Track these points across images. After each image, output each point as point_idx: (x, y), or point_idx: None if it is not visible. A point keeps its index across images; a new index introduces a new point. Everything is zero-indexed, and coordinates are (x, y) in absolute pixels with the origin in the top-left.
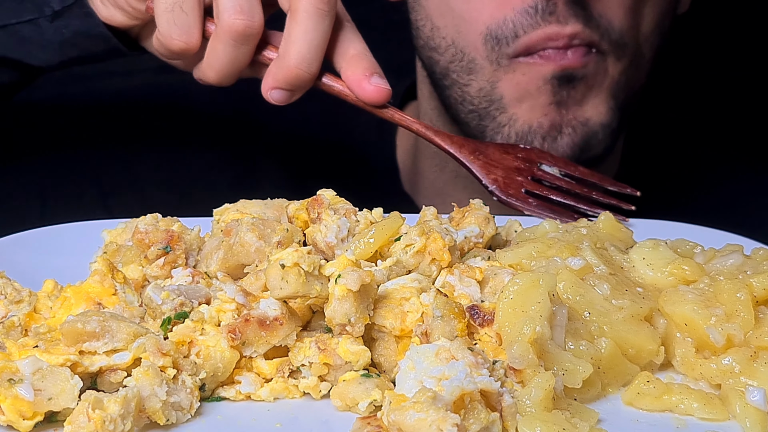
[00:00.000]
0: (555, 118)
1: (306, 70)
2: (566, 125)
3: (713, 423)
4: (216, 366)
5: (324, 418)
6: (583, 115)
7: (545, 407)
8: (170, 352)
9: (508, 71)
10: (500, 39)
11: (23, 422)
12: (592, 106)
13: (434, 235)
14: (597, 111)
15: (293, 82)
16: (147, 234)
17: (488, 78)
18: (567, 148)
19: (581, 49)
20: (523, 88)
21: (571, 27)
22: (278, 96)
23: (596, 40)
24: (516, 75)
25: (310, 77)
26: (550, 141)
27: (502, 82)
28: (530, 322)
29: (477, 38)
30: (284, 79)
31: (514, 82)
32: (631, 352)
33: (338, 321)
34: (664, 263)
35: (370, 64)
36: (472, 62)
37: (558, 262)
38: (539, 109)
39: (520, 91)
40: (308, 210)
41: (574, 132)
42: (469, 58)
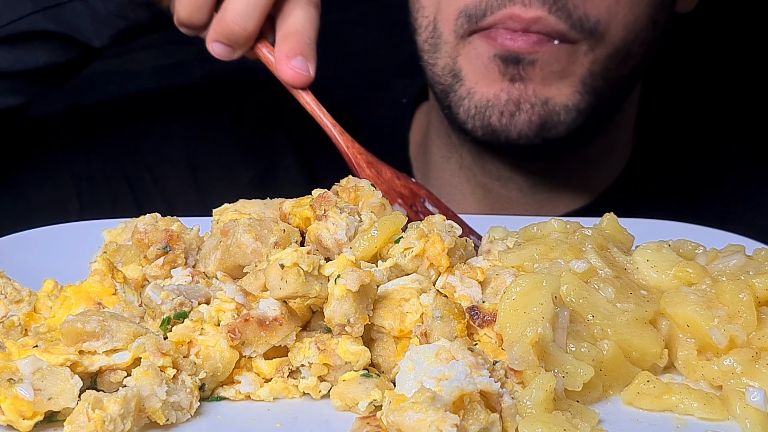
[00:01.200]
0: (513, 93)
1: (241, 26)
2: (524, 101)
3: (713, 423)
4: (215, 366)
5: (324, 418)
6: (545, 94)
7: (546, 408)
8: (170, 352)
9: (464, 45)
10: (471, 16)
11: (23, 422)
12: (556, 88)
13: (434, 237)
14: (561, 92)
15: (229, 37)
16: (146, 234)
17: (450, 53)
18: (524, 125)
19: (535, 36)
20: (474, 63)
21: (534, 11)
22: (218, 49)
23: (562, 29)
24: (469, 48)
25: (246, 34)
26: (507, 116)
27: (461, 56)
28: (533, 323)
29: (452, 14)
30: (221, 32)
31: (468, 57)
32: (635, 355)
33: (337, 321)
34: (668, 266)
35: (297, 44)
36: (439, 38)
37: (561, 264)
38: (495, 84)
39: (473, 66)
40: (313, 207)
41: (531, 109)
42: (438, 34)
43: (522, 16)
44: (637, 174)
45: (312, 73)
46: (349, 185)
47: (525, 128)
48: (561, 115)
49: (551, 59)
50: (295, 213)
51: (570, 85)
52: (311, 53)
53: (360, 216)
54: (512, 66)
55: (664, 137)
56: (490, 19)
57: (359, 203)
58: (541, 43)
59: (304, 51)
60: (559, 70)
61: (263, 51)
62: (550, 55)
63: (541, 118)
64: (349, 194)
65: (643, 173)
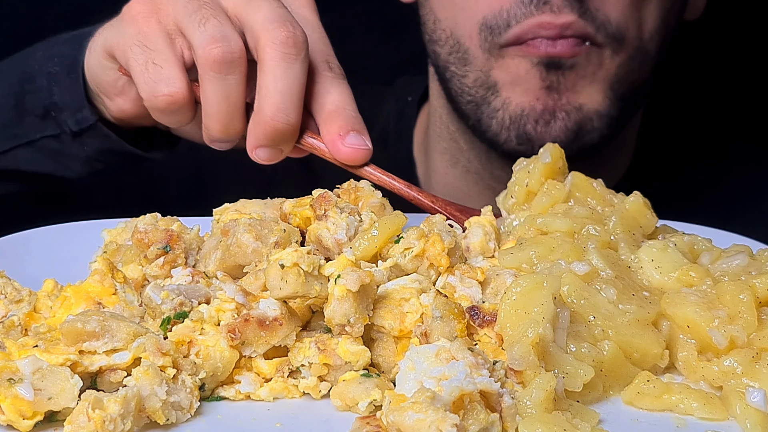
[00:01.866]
0: (548, 102)
1: (284, 122)
2: (559, 110)
3: (713, 423)
4: (215, 366)
5: (324, 418)
6: (578, 101)
7: (546, 408)
8: (170, 352)
9: (499, 58)
10: (494, 28)
11: (23, 422)
12: (587, 94)
13: (434, 237)
14: (592, 99)
15: (273, 137)
16: (146, 233)
17: (482, 67)
18: (560, 132)
19: (572, 40)
20: (513, 73)
21: (565, 17)
22: (264, 155)
23: (591, 32)
24: (506, 60)
25: (291, 128)
26: (542, 124)
27: (494, 69)
28: (534, 324)
29: (473, 28)
30: (264, 134)
31: (505, 68)
32: (636, 356)
33: (337, 321)
34: (672, 267)
35: (346, 122)
36: (466, 53)
37: (562, 265)
38: (531, 92)
39: (511, 75)
40: (314, 207)
41: (567, 117)
42: (464, 49)
43: (554, 23)
44: (640, 173)
45: (370, 145)
46: (350, 187)
47: (561, 135)
48: (594, 121)
49: (585, 62)
50: (296, 213)
51: (599, 91)
52: (362, 127)
53: (360, 216)
54: (553, 72)
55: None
56: (518, 29)
57: (359, 203)
58: (579, 45)
59: (355, 126)
60: (591, 74)
61: (310, 141)
62: (586, 58)
63: (577, 125)
64: (350, 194)
65: (646, 172)
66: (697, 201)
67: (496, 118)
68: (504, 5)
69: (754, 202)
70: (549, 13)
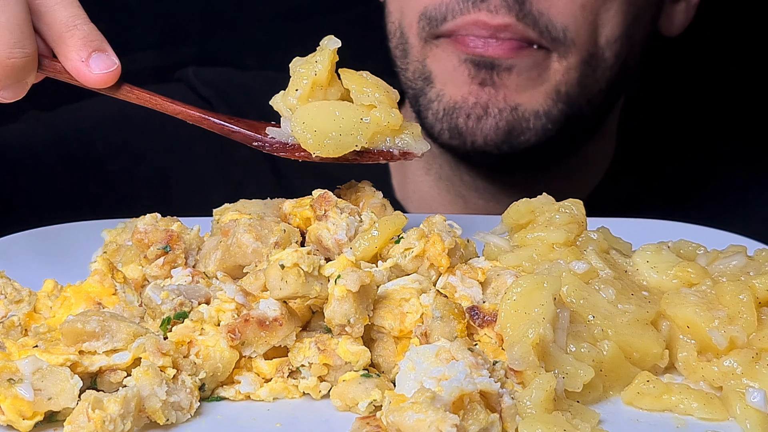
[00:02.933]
0: (481, 96)
1: (21, 56)
2: (493, 106)
3: (713, 423)
4: (215, 366)
5: (324, 418)
6: (515, 100)
7: (546, 408)
8: (170, 352)
9: (432, 47)
10: (431, 19)
11: (23, 422)
12: (529, 95)
13: (434, 238)
14: (532, 99)
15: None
16: (146, 234)
17: (418, 57)
18: (491, 129)
19: (509, 42)
20: (443, 66)
21: (501, 18)
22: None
23: (532, 36)
24: (438, 51)
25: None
26: (474, 119)
27: (429, 58)
28: (534, 325)
29: (414, 17)
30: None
31: (437, 59)
32: (636, 356)
33: (338, 321)
34: (669, 266)
35: (83, 42)
36: (407, 42)
37: (562, 264)
38: (463, 86)
39: (441, 68)
40: (314, 207)
41: (500, 114)
42: (405, 39)
43: (489, 22)
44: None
45: (117, 61)
46: (351, 187)
47: (491, 133)
48: (530, 121)
49: (530, 65)
50: (296, 213)
51: (543, 92)
52: (101, 41)
53: (360, 216)
54: (484, 71)
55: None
56: (452, 24)
57: (360, 203)
58: (520, 48)
59: (93, 44)
60: (536, 76)
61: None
62: (528, 61)
63: (509, 124)
64: (350, 195)
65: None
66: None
67: (431, 110)
68: None
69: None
70: (485, 12)
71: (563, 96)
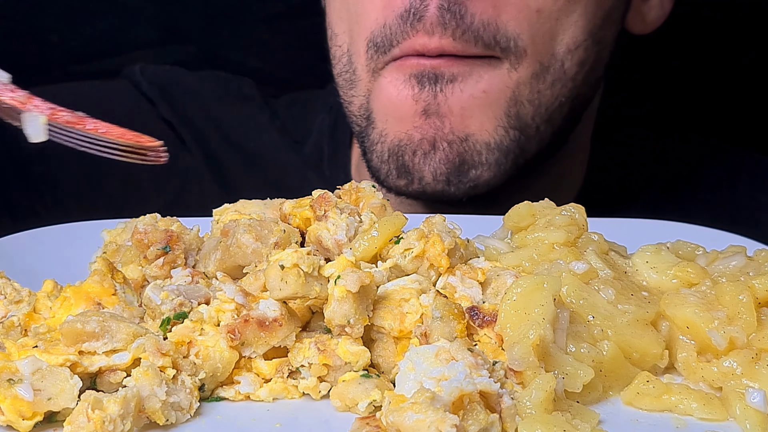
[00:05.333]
0: (427, 131)
1: None
2: (441, 140)
3: (713, 423)
4: (215, 366)
5: (324, 418)
6: (464, 130)
7: (545, 409)
8: (170, 353)
9: (378, 78)
10: (379, 46)
11: (23, 422)
12: (478, 120)
13: (434, 238)
14: (482, 127)
15: None
16: (146, 234)
17: (364, 91)
18: (441, 164)
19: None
20: (386, 95)
21: (438, 40)
22: None
23: (476, 52)
24: (381, 81)
25: None
26: (421, 155)
27: (373, 93)
28: (535, 325)
29: (362, 45)
30: None
31: (381, 89)
32: (636, 356)
33: (337, 322)
34: (668, 266)
35: None
36: (354, 72)
37: (561, 265)
38: (407, 120)
39: (384, 100)
40: (313, 208)
41: (449, 147)
42: (353, 68)
43: (427, 45)
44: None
45: None
46: (351, 187)
47: (442, 167)
48: (483, 154)
49: (474, 78)
50: (296, 213)
51: (493, 117)
52: None
53: (360, 216)
54: (429, 86)
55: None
56: (398, 50)
57: (359, 204)
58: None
59: None
60: (482, 92)
61: None
62: (471, 71)
63: (460, 156)
64: (350, 195)
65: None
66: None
67: (375, 152)
68: (387, 20)
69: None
70: (423, 33)
71: (514, 120)
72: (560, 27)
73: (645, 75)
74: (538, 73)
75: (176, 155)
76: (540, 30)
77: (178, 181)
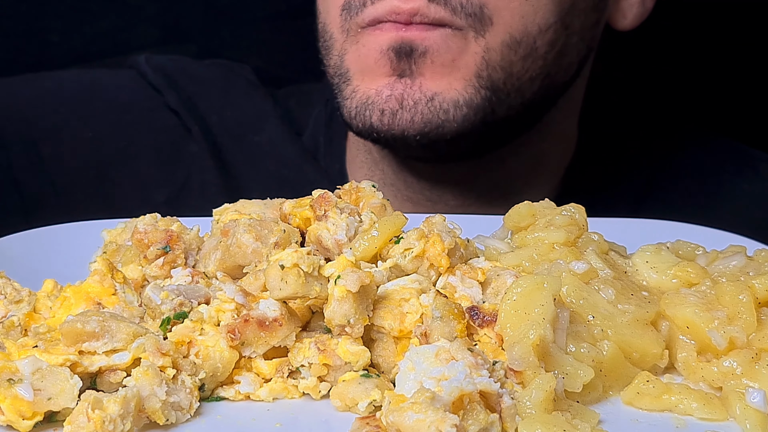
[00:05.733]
0: (396, 88)
1: None
2: (408, 98)
3: (713, 423)
4: (215, 366)
5: (324, 418)
6: (432, 89)
7: (545, 409)
8: (170, 352)
9: (353, 42)
10: (352, 8)
11: (23, 422)
12: (446, 82)
13: (434, 238)
14: (450, 87)
15: None
16: (146, 234)
17: (338, 51)
18: (407, 124)
19: (422, 26)
20: (363, 61)
21: (413, 2)
22: None
23: (446, 17)
24: (359, 46)
25: None
26: (389, 115)
27: (348, 54)
28: (535, 325)
29: (336, 12)
30: None
31: (357, 54)
32: (636, 356)
33: (338, 322)
34: (668, 266)
35: None
36: (331, 38)
37: (561, 264)
38: (381, 79)
39: (361, 63)
40: (313, 207)
41: (415, 107)
42: (329, 35)
43: (402, 7)
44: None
45: None
46: (351, 187)
47: (408, 127)
48: (450, 112)
49: (442, 48)
50: (296, 213)
51: (462, 78)
52: None
53: (360, 216)
54: (405, 59)
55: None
56: (372, 11)
57: (359, 204)
58: (430, 30)
59: None
60: (450, 60)
61: None
62: (440, 43)
63: (424, 118)
64: (350, 195)
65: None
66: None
67: (345, 107)
68: None
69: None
70: None
71: (485, 81)
72: (530, 7)
73: (635, 66)
74: (509, 43)
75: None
76: (509, 5)
77: (184, 169)
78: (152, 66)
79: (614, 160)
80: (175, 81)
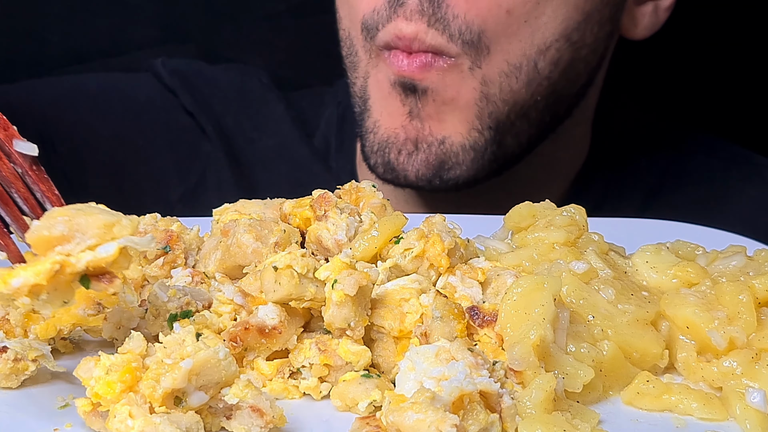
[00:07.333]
0: (410, 131)
1: None
2: (422, 141)
3: (713, 423)
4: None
5: (324, 419)
6: (441, 132)
7: (545, 409)
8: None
9: (374, 65)
10: (370, 29)
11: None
12: (451, 125)
13: (434, 238)
14: (456, 130)
15: None
16: (146, 234)
17: (363, 73)
18: (421, 165)
19: (421, 57)
20: (381, 88)
21: (414, 25)
22: None
23: (441, 43)
24: (377, 71)
25: None
26: (405, 155)
27: (370, 78)
28: (536, 326)
29: (358, 27)
30: None
31: (377, 80)
32: (636, 356)
33: (338, 326)
34: (668, 266)
35: None
36: (356, 54)
37: (561, 264)
38: (396, 117)
39: (379, 94)
40: (313, 207)
41: (429, 150)
42: (354, 50)
43: (404, 30)
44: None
45: None
46: (351, 187)
47: (423, 169)
48: (459, 155)
49: (440, 86)
50: (296, 213)
51: (465, 121)
52: None
53: (360, 216)
54: (411, 96)
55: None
56: (383, 35)
57: (360, 204)
58: (427, 67)
59: None
60: (451, 98)
61: None
62: (438, 81)
63: (438, 158)
64: (350, 195)
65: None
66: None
67: (368, 141)
68: (377, 4)
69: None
70: (402, 18)
71: (488, 121)
72: (529, 29)
73: (644, 72)
74: (507, 72)
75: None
76: (507, 30)
77: (199, 169)
78: (168, 69)
79: (622, 166)
80: (191, 83)
